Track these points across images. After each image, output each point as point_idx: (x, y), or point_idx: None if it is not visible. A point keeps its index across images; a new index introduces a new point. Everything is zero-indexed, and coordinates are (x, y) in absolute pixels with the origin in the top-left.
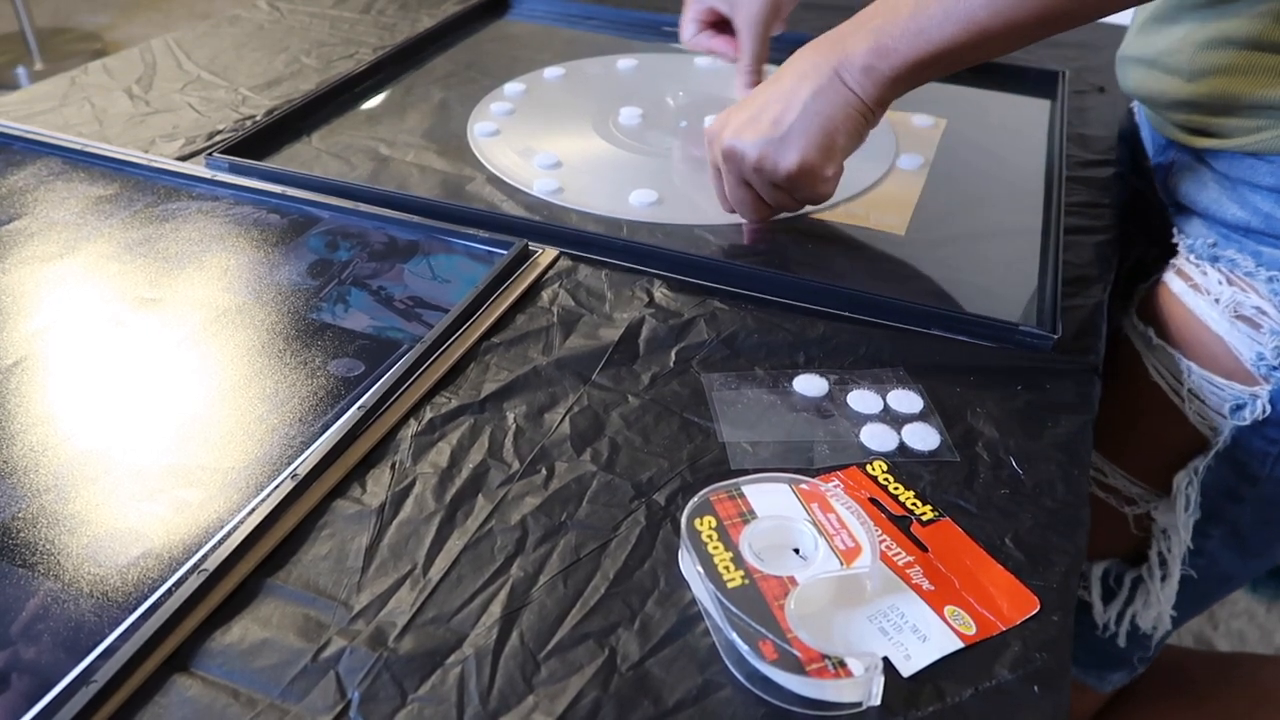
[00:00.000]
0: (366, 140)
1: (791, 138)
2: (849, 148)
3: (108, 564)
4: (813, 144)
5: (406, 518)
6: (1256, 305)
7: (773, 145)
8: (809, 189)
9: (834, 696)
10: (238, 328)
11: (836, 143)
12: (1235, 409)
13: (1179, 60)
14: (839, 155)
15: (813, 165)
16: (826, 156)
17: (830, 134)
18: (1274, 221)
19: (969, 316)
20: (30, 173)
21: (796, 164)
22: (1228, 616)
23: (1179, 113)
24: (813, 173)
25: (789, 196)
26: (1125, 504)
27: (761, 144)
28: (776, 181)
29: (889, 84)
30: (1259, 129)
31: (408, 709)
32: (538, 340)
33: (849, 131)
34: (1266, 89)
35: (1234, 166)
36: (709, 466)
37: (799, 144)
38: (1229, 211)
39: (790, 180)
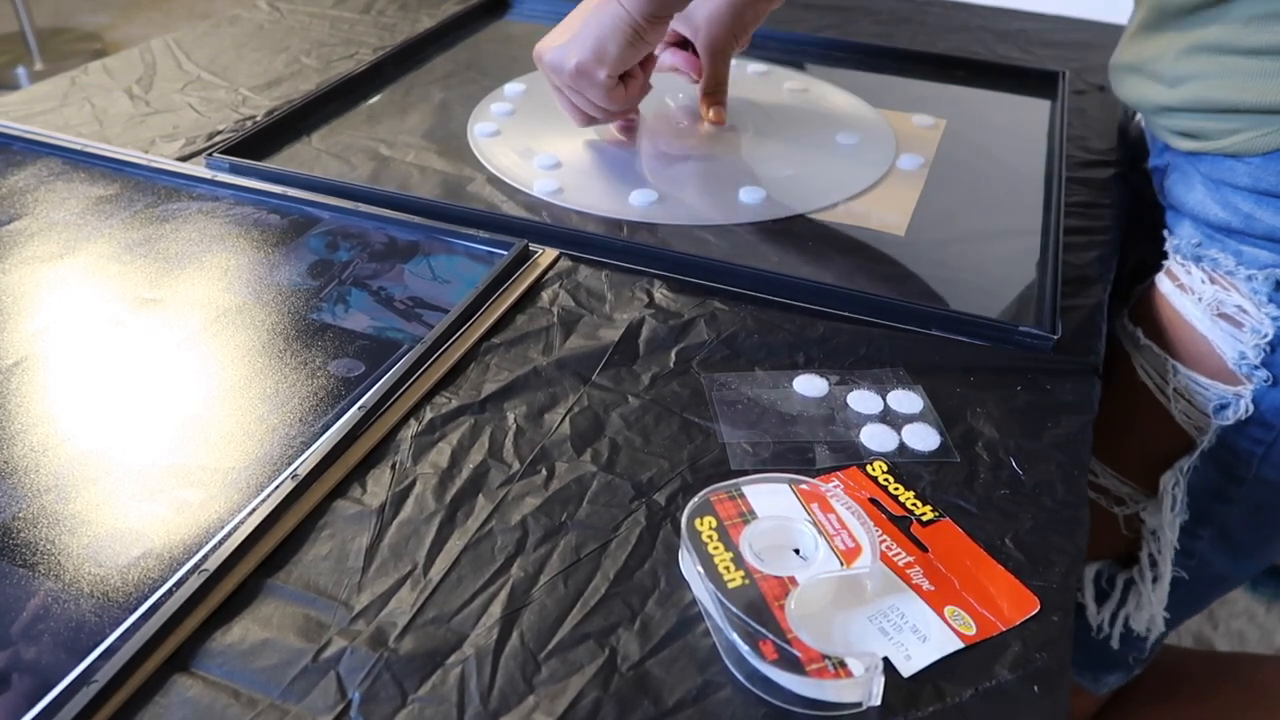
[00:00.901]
0: (366, 140)
1: (573, 44)
2: (622, 56)
3: (108, 564)
4: (587, 49)
5: (407, 518)
6: (1237, 304)
7: (560, 51)
8: (590, 90)
9: (834, 696)
10: (238, 328)
11: (608, 50)
12: (1220, 409)
13: (1162, 67)
14: (611, 62)
15: (587, 68)
16: (599, 60)
17: (602, 41)
18: (1254, 221)
19: (969, 317)
20: (30, 173)
21: (575, 66)
22: (1227, 616)
23: (1165, 118)
24: (588, 74)
25: (586, 99)
26: (1115, 504)
27: (554, 51)
28: (566, 83)
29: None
30: (1235, 131)
31: (408, 709)
32: (538, 340)
33: (619, 41)
34: (1240, 92)
35: (1215, 168)
36: (709, 467)
37: (577, 50)
38: (1212, 212)
39: (573, 80)
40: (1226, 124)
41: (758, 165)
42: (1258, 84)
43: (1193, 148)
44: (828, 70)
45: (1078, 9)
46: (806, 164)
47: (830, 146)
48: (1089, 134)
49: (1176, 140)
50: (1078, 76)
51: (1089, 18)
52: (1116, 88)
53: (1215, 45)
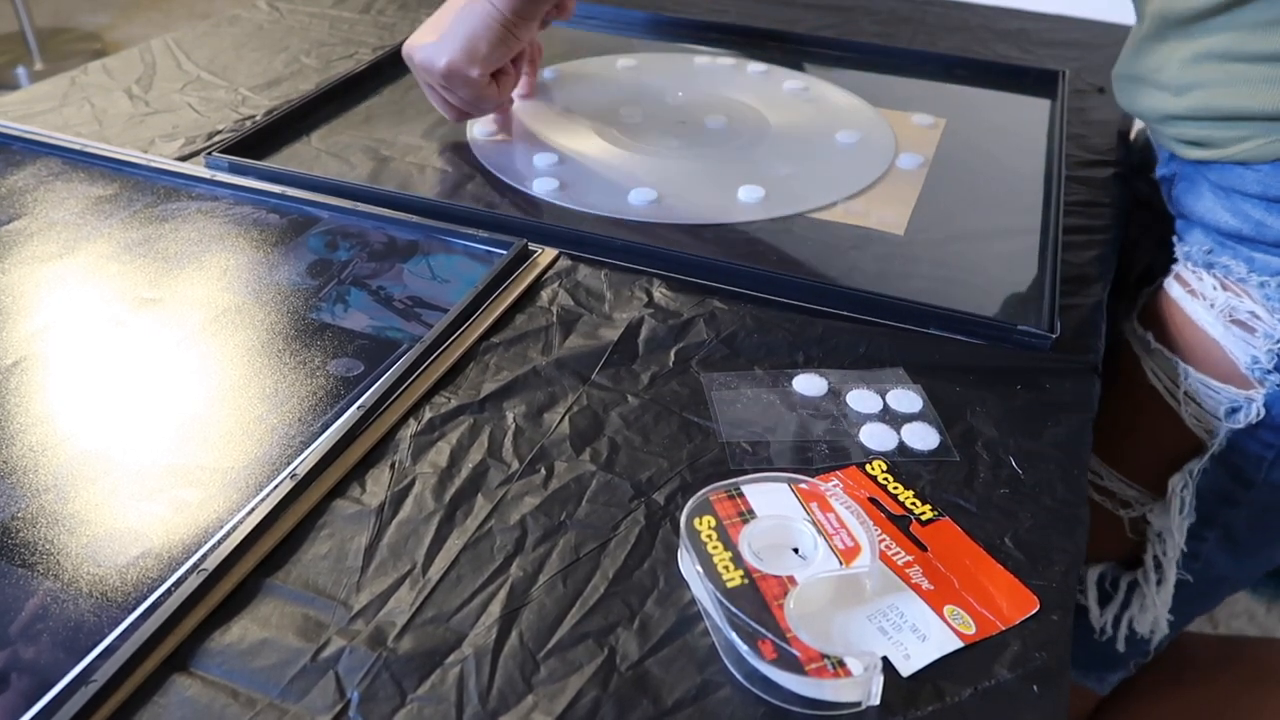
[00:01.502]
0: (366, 140)
1: (443, 44)
2: (493, 54)
3: (107, 564)
4: (458, 49)
5: (406, 517)
6: (1250, 310)
7: (430, 50)
8: (463, 88)
9: (833, 696)
10: (237, 328)
11: (479, 49)
12: (1230, 412)
13: (1166, 77)
14: (482, 60)
15: (458, 67)
16: (470, 60)
17: (473, 40)
18: (1265, 228)
19: (968, 316)
20: (30, 173)
21: (446, 66)
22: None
23: (1171, 126)
24: (459, 74)
25: (456, 97)
26: (1121, 507)
27: (423, 49)
28: (437, 81)
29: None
30: (1244, 139)
31: (407, 709)
32: (537, 340)
33: (490, 40)
34: (1247, 99)
35: (1225, 176)
36: (708, 466)
37: (448, 50)
38: (1222, 219)
39: (445, 79)
40: (1235, 131)
41: (757, 164)
42: (1266, 90)
43: (1200, 156)
44: (828, 70)
45: (1078, 9)
46: (806, 163)
47: (830, 146)
48: (1088, 133)
49: (1184, 149)
50: (1077, 76)
51: (1089, 18)
52: (1120, 98)
53: (1222, 53)
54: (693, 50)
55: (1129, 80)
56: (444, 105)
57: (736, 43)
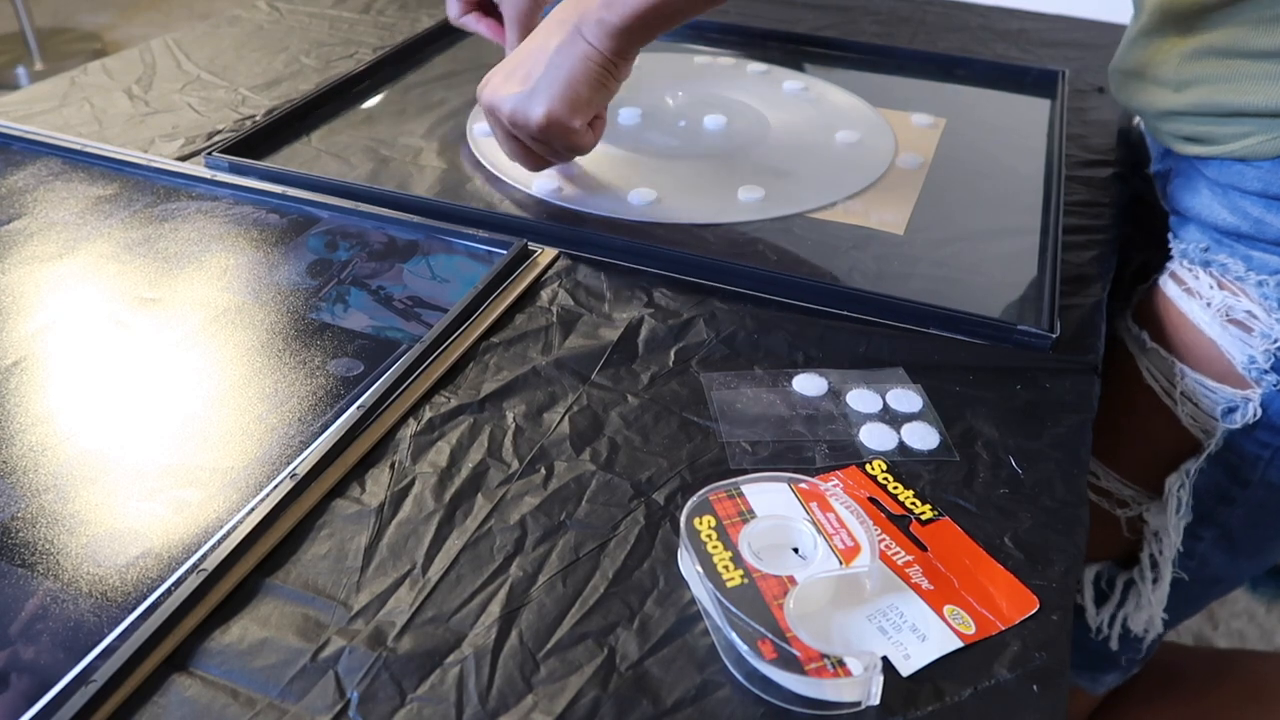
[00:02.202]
0: (366, 140)
1: (538, 93)
2: (594, 100)
3: (107, 564)
4: (557, 98)
5: (406, 517)
6: (1247, 309)
7: (522, 100)
8: (562, 140)
9: (833, 696)
10: (237, 328)
11: (580, 95)
12: (1227, 412)
13: (1165, 71)
14: (584, 107)
15: (559, 118)
16: (573, 109)
17: (574, 87)
18: (1263, 226)
19: (968, 316)
20: (30, 173)
21: (544, 117)
22: (1228, 616)
23: (1169, 122)
24: (561, 125)
25: (549, 148)
26: (1118, 507)
27: (513, 100)
28: (531, 135)
29: (620, 35)
30: (1244, 135)
31: (407, 709)
32: (537, 340)
33: (591, 84)
34: (1248, 95)
35: (1223, 172)
36: (708, 466)
37: (545, 98)
38: (1220, 216)
39: (542, 133)
40: (1235, 128)
41: (757, 164)
42: (1267, 87)
43: (1199, 152)
44: (828, 70)
45: (1078, 9)
46: (806, 163)
47: (829, 145)
48: (1088, 133)
49: (1181, 145)
50: (1077, 76)
51: (1089, 18)
52: (1117, 93)
53: (1222, 49)
54: (693, 50)
55: (1127, 74)
56: (526, 156)
57: (736, 43)
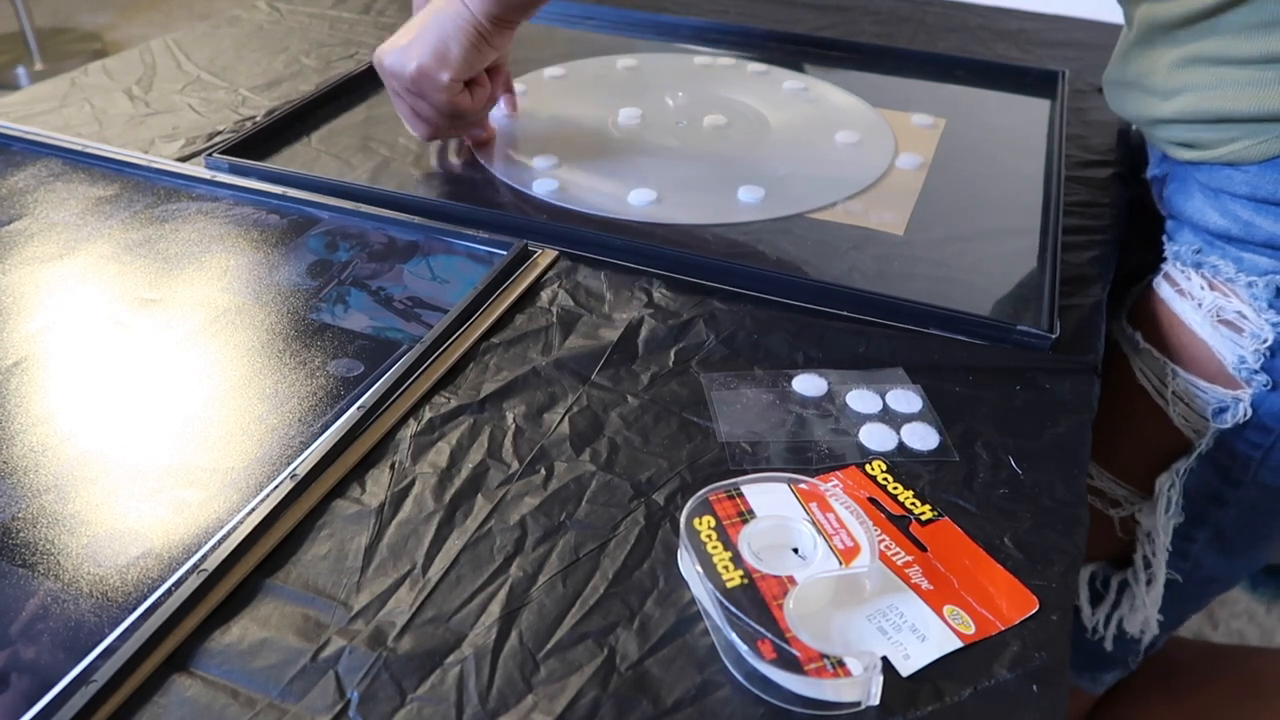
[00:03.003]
0: (366, 140)
1: (413, 47)
2: (467, 58)
3: (107, 564)
4: (428, 50)
5: (406, 518)
6: (1237, 310)
7: (399, 53)
8: (434, 94)
9: (833, 696)
10: (237, 328)
11: (451, 51)
12: (1218, 412)
13: (1155, 81)
14: (454, 64)
15: (428, 70)
16: (441, 62)
17: (444, 42)
18: (1252, 228)
19: (968, 316)
20: (30, 173)
21: (415, 68)
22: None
23: (1160, 129)
24: (430, 77)
25: (428, 105)
26: (1111, 506)
27: (393, 53)
28: (406, 86)
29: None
30: (1231, 140)
31: (407, 709)
32: (537, 340)
33: (463, 44)
34: (1234, 101)
35: (1214, 177)
36: (708, 466)
37: (417, 52)
38: (1211, 220)
39: (415, 84)
40: (1223, 133)
41: (757, 165)
42: (1252, 93)
43: (1190, 157)
44: (828, 70)
45: (1078, 9)
46: (806, 163)
47: (829, 146)
48: (1088, 134)
49: (1175, 150)
50: (1077, 76)
51: (1089, 18)
52: (1111, 103)
53: (1209, 57)
54: (693, 50)
55: (1119, 85)
56: (414, 118)
57: (736, 43)
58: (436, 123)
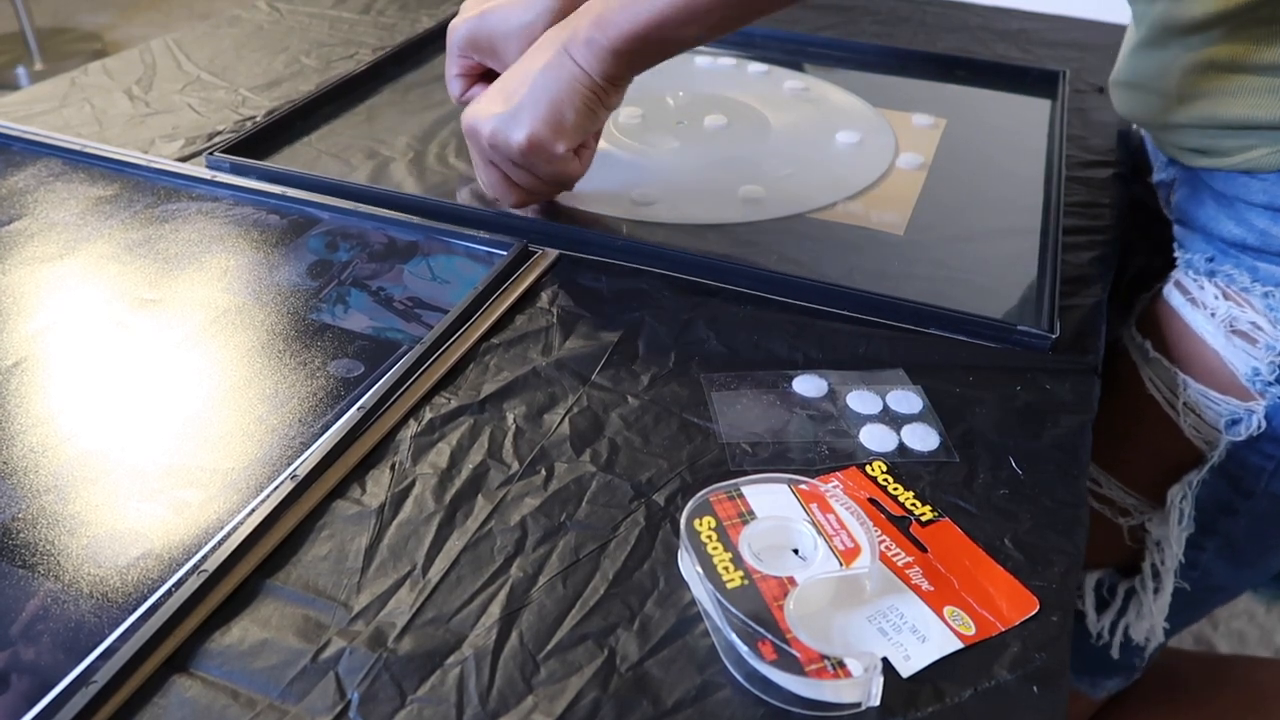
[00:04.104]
0: (366, 140)
1: (521, 113)
2: (581, 124)
3: (107, 565)
4: (540, 119)
5: (406, 518)
6: (1252, 320)
7: (503, 121)
8: (544, 166)
9: (833, 697)
10: (237, 328)
11: (565, 118)
12: (1231, 424)
13: (1168, 84)
14: (569, 131)
15: (541, 140)
16: (556, 132)
17: (558, 108)
18: (1269, 238)
19: (968, 316)
20: (30, 173)
21: (525, 139)
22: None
23: (1172, 134)
24: (542, 148)
25: (531, 176)
26: (1120, 515)
27: (494, 120)
28: (512, 158)
29: (610, 57)
30: (1250, 148)
31: (407, 709)
32: (537, 341)
33: (578, 107)
34: (1252, 109)
35: (1229, 185)
36: (708, 467)
37: (527, 119)
38: (1225, 228)
39: (524, 156)
40: (1240, 141)
41: (757, 164)
42: (1271, 100)
43: (1204, 164)
44: (828, 70)
45: (1078, 9)
46: (806, 163)
47: (830, 146)
48: (1088, 134)
49: (1186, 156)
50: (1078, 76)
51: (1089, 18)
52: (1118, 104)
53: (1225, 62)
54: (693, 50)
55: (1128, 87)
56: (506, 186)
57: (737, 43)
58: (536, 192)
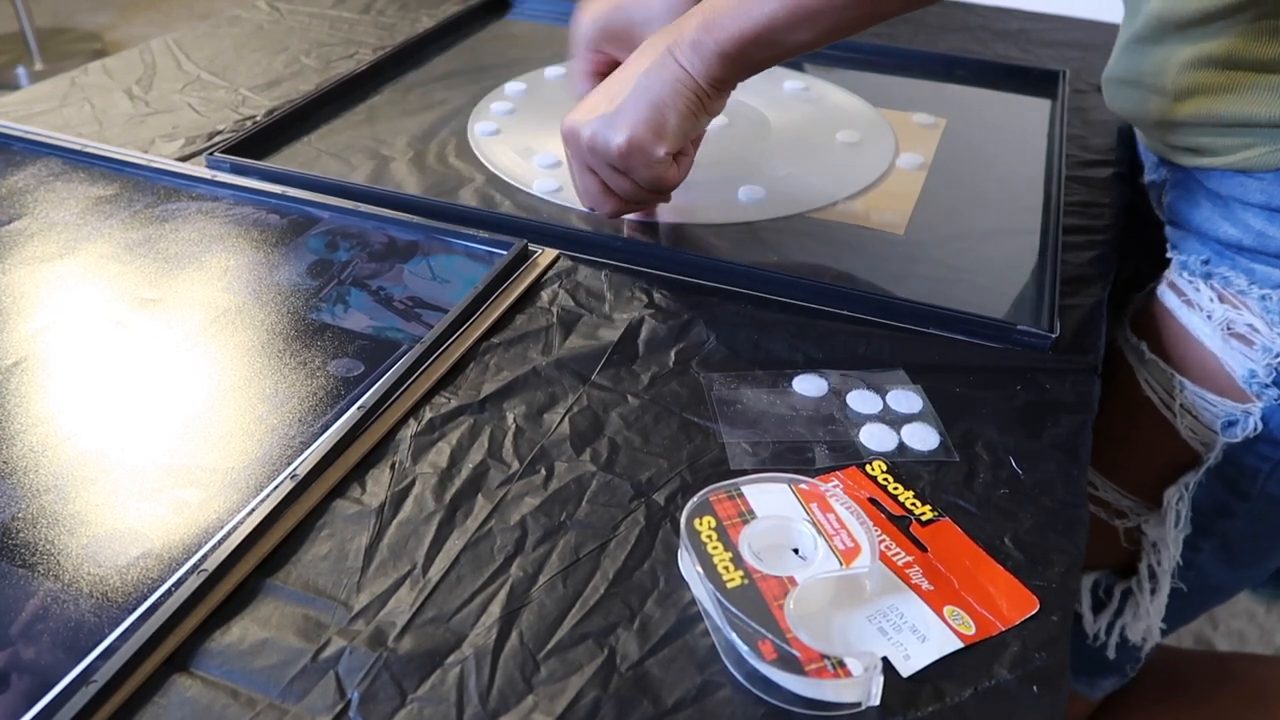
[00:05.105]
0: (366, 140)
1: (621, 115)
2: (683, 128)
3: (107, 564)
4: (641, 121)
5: (406, 518)
6: (1249, 323)
7: (603, 123)
8: (643, 170)
9: (833, 696)
10: (237, 328)
11: (667, 121)
12: (1227, 425)
13: (1163, 81)
14: (671, 135)
15: (641, 143)
16: (657, 135)
17: (660, 111)
18: (1266, 239)
19: (968, 316)
20: (30, 173)
21: (625, 141)
22: (1228, 617)
23: (1167, 132)
24: (642, 151)
25: (629, 181)
26: (1116, 517)
27: (594, 123)
28: (610, 162)
29: (717, 60)
30: (1247, 146)
31: (407, 709)
32: (537, 340)
33: (680, 110)
34: (1250, 106)
35: (1224, 184)
36: (708, 467)
37: (628, 121)
38: (1221, 229)
39: (622, 159)
40: (1237, 139)
41: (757, 164)
42: (1269, 98)
43: (1198, 163)
44: (828, 70)
45: (1078, 9)
46: (806, 163)
47: (830, 145)
48: (1089, 134)
49: (1179, 156)
50: (1078, 76)
51: (1089, 18)
52: (1111, 101)
53: (1222, 59)
54: None
55: (1121, 83)
56: (603, 194)
57: None
58: (634, 199)
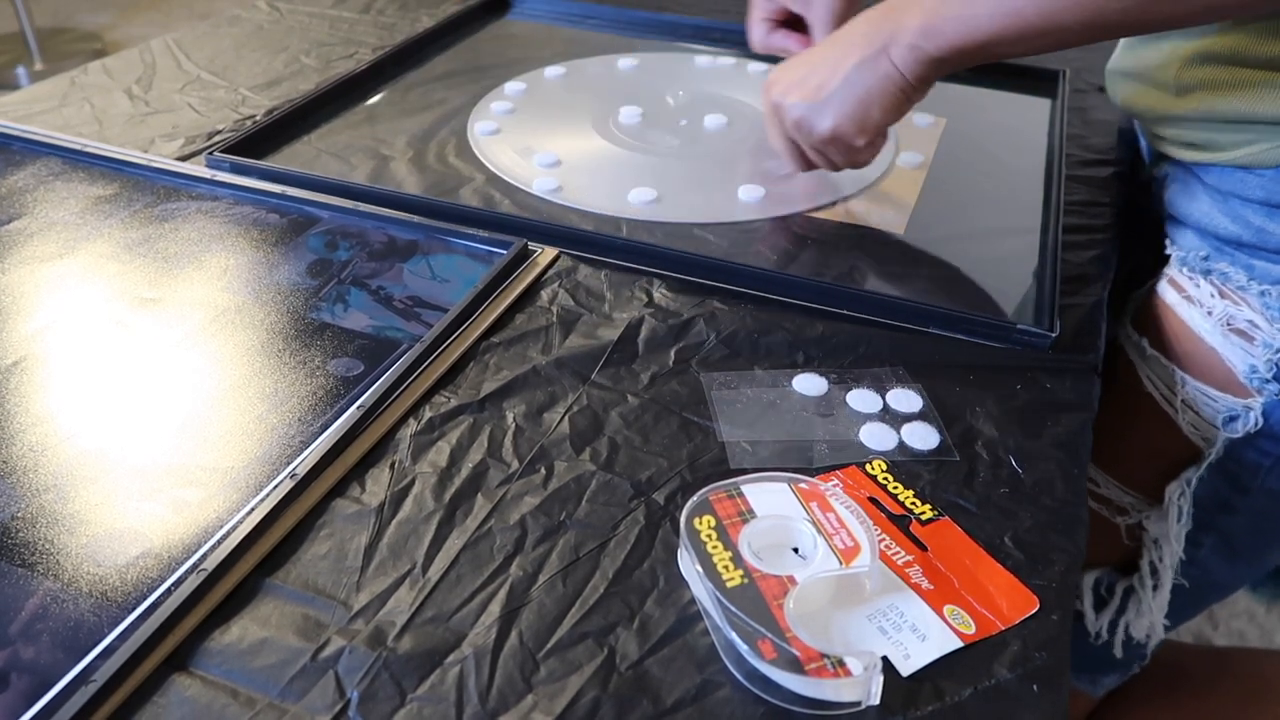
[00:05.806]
0: (366, 140)
1: (829, 105)
2: (885, 121)
3: (107, 563)
4: (847, 114)
5: (406, 517)
6: (1249, 319)
7: (812, 109)
8: (843, 155)
9: (833, 696)
10: (237, 327)
11: (871, 115)
12: (1228, 421)
13: (1166, 75)
14: (873, 128)
15: (845, 134)
16: (859, 127)
17: (866, 105)
18: (1266, 235)
19: (968, 315)
20: (30, 173)
21: (830, 131)
22: (1228, 616)
23: (1169, 127)
24: (844, 141)
25: (826, 159)
26: (1117, 514)
27: (802, 108)
28: (813, 144)
29: (932, 64)
30: (1248, 142)
31: (407, 708)
32: (537, 340)
33: (886, 106)
34: (1252, 103)
35: (1224, 180)
36: (708, 466)
37: (835, 112)
38: (1221, 225)
39: (824, 144)
40: (1238, 135)
41: (757, 163)
42: (1271, 95)
43: (1199, 159)
44: None
45: None
46: None
47: None
48: (1089, 133)
49: (1180, 151)
50: (1078, 76)
51: None
52: (1114, 94)
53: (1226, 55)
54: (693, 50)
55: (1124, 76)
56: (797, 158)
57: (737, 42)
58: (823, 168)
